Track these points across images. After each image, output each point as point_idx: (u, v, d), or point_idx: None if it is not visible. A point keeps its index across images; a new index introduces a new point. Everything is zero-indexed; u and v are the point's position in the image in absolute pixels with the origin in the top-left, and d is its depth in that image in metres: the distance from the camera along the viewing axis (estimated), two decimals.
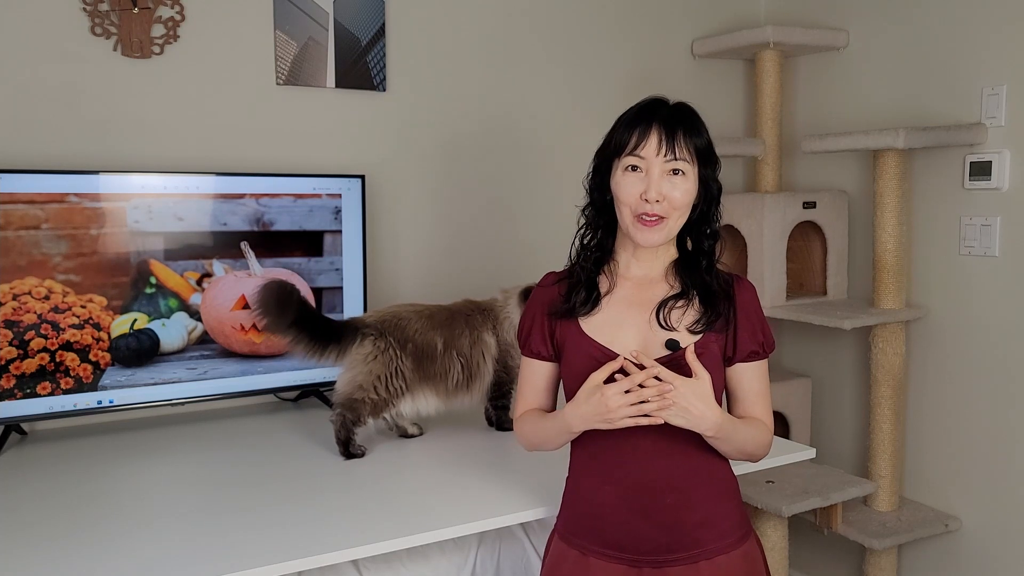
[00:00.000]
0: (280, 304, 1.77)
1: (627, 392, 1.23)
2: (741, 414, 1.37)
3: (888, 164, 2.38)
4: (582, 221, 1.40)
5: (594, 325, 1.34)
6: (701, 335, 1.31)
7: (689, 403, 1.22)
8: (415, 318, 1.90)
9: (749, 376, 1.36)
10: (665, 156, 1.28)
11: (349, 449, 1.81)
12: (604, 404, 1.23)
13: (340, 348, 1.83)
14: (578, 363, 1.33)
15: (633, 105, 1.34)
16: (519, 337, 1.44)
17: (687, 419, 1.23)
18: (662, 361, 1.28)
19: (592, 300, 1.34)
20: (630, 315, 1.33)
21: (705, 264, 1.35)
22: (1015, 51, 2.26)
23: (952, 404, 2.47)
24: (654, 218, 1.29)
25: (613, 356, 1.30)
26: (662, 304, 1.32)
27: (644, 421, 1.23)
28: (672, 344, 1.30)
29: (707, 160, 1.32)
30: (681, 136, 1.29)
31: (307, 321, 1.81)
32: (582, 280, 1.36)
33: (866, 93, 2.66)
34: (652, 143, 1.28)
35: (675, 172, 1.29)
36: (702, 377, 1.24)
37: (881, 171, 2.39)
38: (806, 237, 2.74)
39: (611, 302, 1.35)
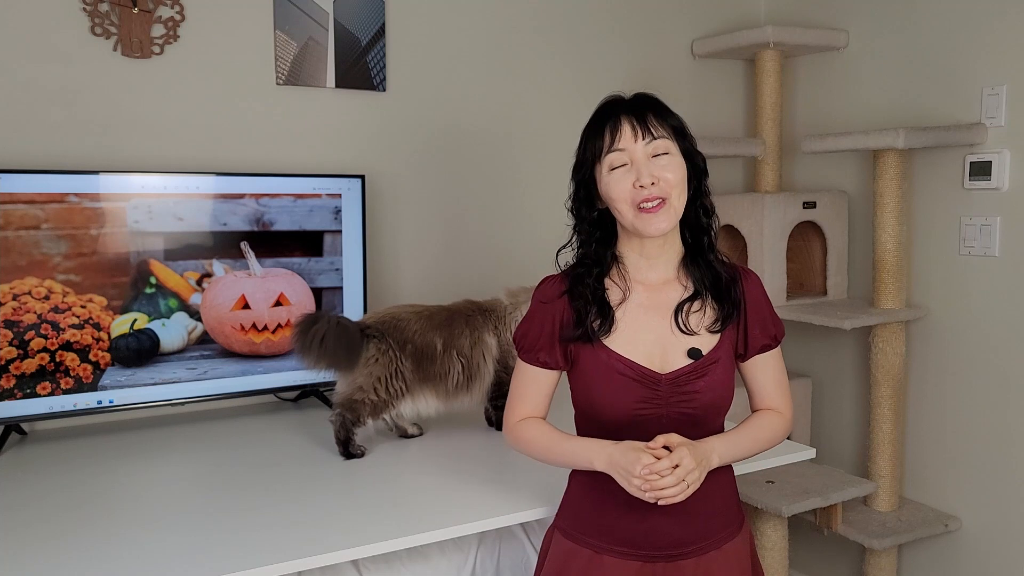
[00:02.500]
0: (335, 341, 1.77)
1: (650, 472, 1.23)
2: (758, 406, 1.40)
3: (888, 164, 2.37)
4: (574, 240, 1.37)
5: (614, 336, 1.32)
6: (719, 335, 1.32)
7: (700, 474, 1.24)
8: (414, 319, 1.90)
9: (763, 367, 1.37)
10: (644, 139, 1.28)
11: (349, 449, 1.81)
12: (634, 470, 1.23)
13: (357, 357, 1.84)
14: (604, 379, 1.30)
15: (592, 113, 1.34)
16: (521, 344, 1.39)
17: (702, 478, 1.25)
18: (685, 370, 1.29)
19: (609, 319, 1.31)
20: (649, 322, 1.32)
21: (707, 242, 1.35)
22: (1015, 51, 2.26)
23: (952, 404, 2.47)
24: (655, 203, 1.27)
25: (639, 369, 1.29)
26: (679, 308, 1.32)
27: (650, 499, 1.24)
28: (694, 353, 1.30)
29: (685, 136, 1.32)
30: (652, 117, 1.29)
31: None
32: (591, 299, 1.32)
33: (866, 93, 2.66)
34: (627, 132, 1.28)
35: (659, 154, 1.28)
36: (687, 442, 1.25)
37: (881, 171, 2.39)
38: (806, 237, 2.74)
39: (628, 309, 1.33)
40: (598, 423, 1.33)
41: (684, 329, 1.31)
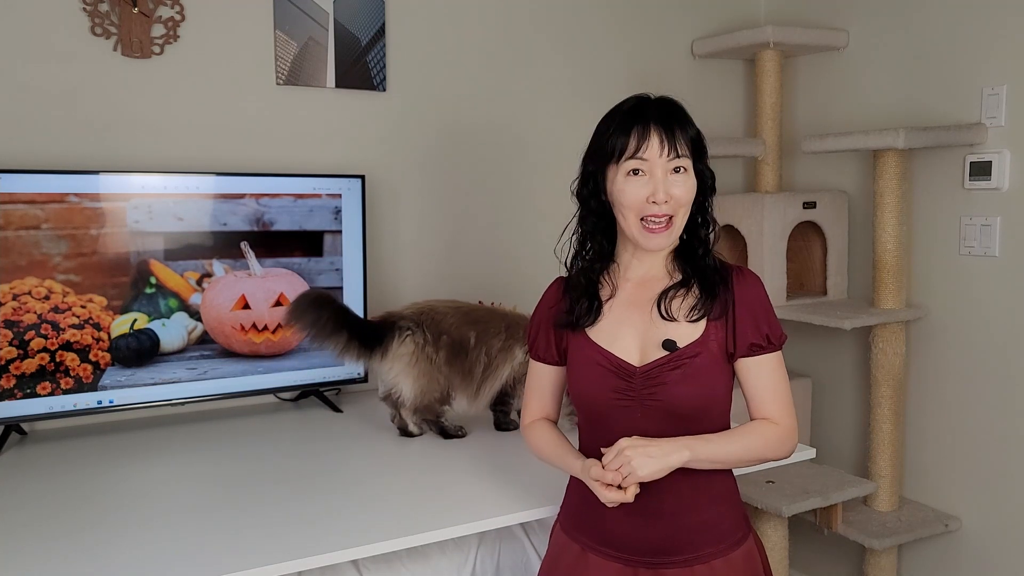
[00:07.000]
0: (316, 309, 1.83)
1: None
2: (754, 414, 1.35)
3: (888, 164, 2.37)
4: (576, 229, 1.38)
5: (598, 330, 1.34)
6: (701, 329, 1.30)
7: (645, 454, 1.23)
8: (451, 312, 1.95)
9: (757, 372, 1.32)
10: (668, 156, 1.27)
11: (447, 432, 1.93)
12: (590, 477, 1.29)
13: (383, 348, 1.88)
14: (584, 369, 1.34)
15: (616, 106, 1.33)
16: (527, 340, 1.47)
17: (654, 468, 1.23)
18: (659, 362, 1.28)
19: (595, 310, 1.34)
20: (631, 316, 1.33)
21: (701, 251, 1.34)
22: (1015, 51, 2.26)
23: (952, 404, 2.47)
24: (661, 221, 1.28)
25: (615, 360, 1.31)
26: (663, 295, 1.32)
27: (616, 498, 1.26)
28: (669, 344, 1.29)
29: (700, 151, 1.32)
30: (679, 132, 1.28)
31: (351, 327, 1.86)
32: (583, 290, 1.36)
33: (866, 93, 2.66)
34: (654, 144, 1.26)
35: (677, 170, 1.28)
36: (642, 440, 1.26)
37: (881, 171, 2.39)
38: (806, 237, 2.74)
39: (614, 306, 1.35)
40: (585, 415, 1.38)
41: (664, 315, 1.30)
